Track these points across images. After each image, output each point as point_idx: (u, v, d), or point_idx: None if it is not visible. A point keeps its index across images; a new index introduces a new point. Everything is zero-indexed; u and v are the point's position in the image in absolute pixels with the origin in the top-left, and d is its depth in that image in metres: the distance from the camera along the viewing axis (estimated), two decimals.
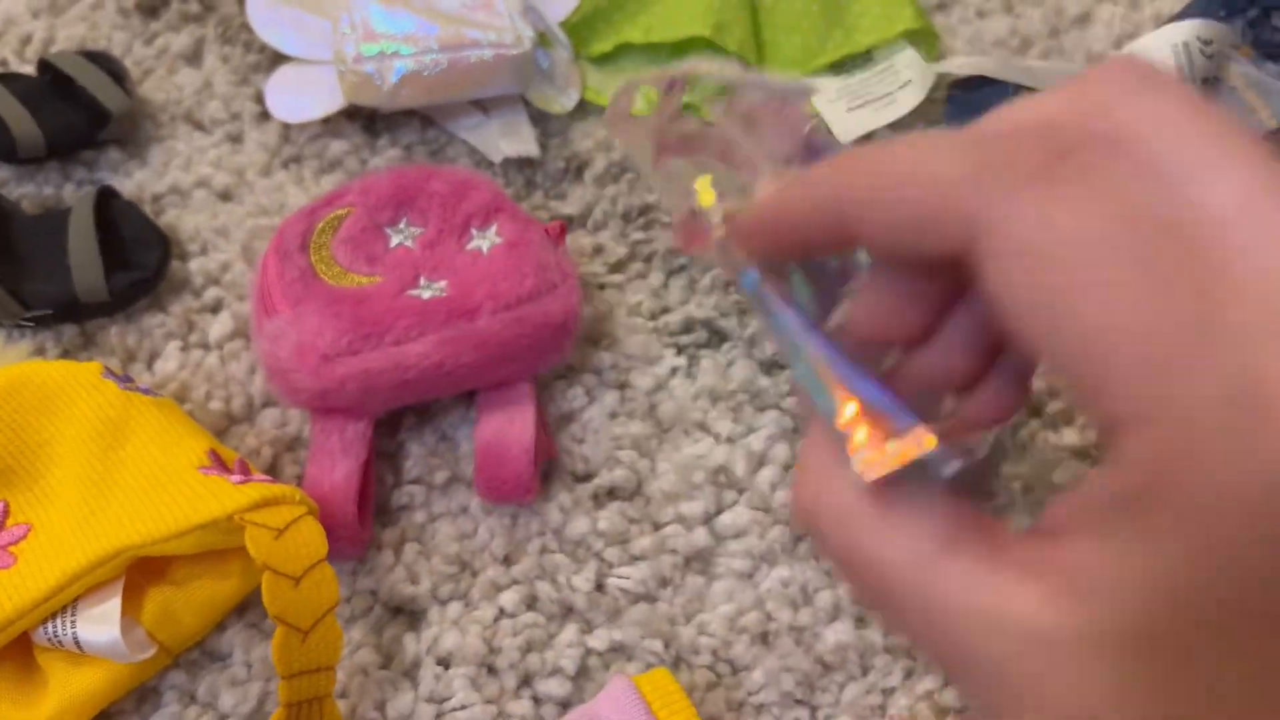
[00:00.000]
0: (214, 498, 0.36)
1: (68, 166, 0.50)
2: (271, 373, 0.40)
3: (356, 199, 0.43)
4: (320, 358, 0.39)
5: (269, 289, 0.41)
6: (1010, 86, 0.52)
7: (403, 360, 0.39)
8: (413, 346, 0.39)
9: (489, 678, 0.38)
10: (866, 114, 0.53)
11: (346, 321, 0.40)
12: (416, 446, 0.43)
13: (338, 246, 0.42)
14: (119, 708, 0.38)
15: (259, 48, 0.54)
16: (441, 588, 0.40)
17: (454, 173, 0.45)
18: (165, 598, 0.38)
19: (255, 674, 0.38)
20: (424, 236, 0.43)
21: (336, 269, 0.42)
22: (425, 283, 0.42)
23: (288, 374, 0.40)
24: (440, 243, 0.43)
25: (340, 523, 0.39)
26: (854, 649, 0.39)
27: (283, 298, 0.41)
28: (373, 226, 0.43)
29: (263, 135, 0.52)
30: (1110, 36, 0.58)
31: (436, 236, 0.43)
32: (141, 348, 0.45)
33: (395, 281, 0.41)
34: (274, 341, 0.40)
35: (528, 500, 0.41)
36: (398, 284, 0.41)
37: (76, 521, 0.37)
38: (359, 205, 0.43)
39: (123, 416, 0.39)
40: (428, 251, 0.43)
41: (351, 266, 0.42)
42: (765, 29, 0.55)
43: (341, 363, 0.39)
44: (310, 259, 0.42)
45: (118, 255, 0.45)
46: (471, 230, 0.43)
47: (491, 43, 0.50)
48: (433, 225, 0.43)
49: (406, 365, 0.39)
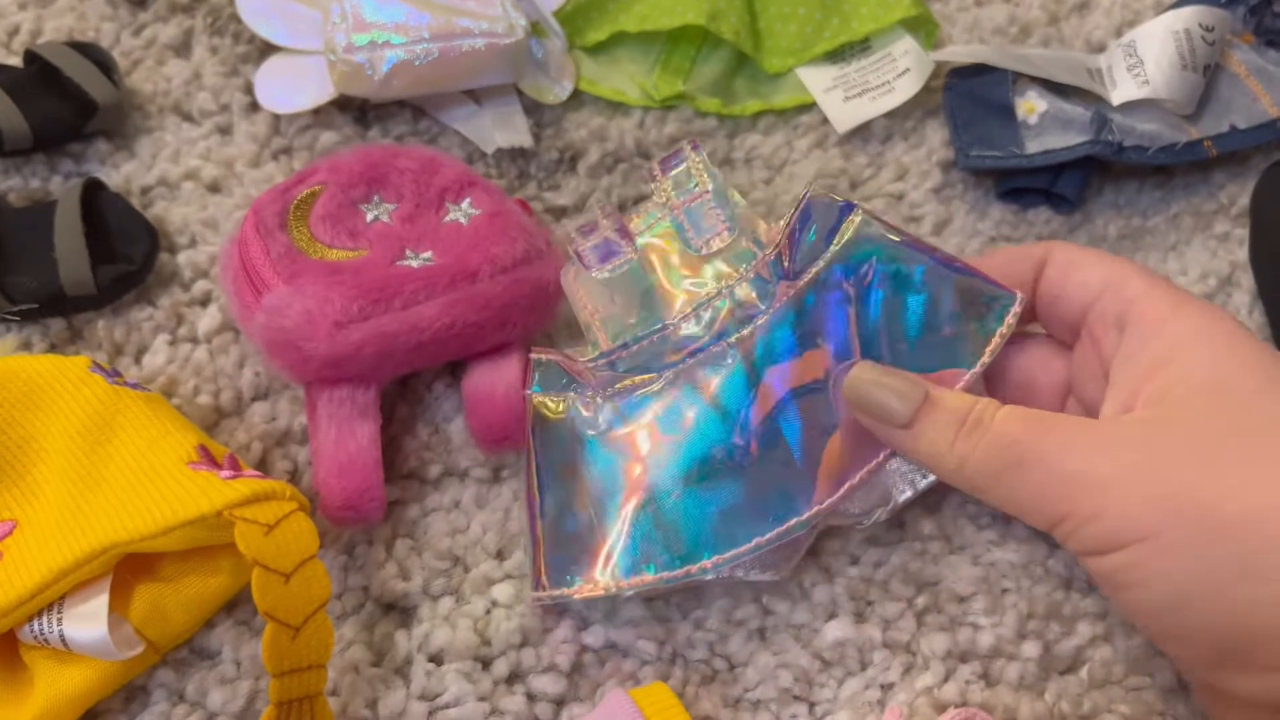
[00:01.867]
0: (203, 493, 0.35)
1: (54, 159, 0.50)
2: (274, 347, 0.40)
3: (327, 176, 0.43)
4: (333, 324, 0.39)
5: (255, 267, 0.41)
6: (1009, 74, 0.51)
7: (417, 322, 0.40)
8: (423, 309, 0.40)
9: (482, 674, 0.38)
10: (864, 102, 0.53)
11: (352, 288, 0.40)
12: (409, 440, 0.43)
13: (316, 223, 0.42)
14: (107, 706, 0.37)
15: (248, 38, 0.54)
16: (433, 583, 0.40)
17: (420, 151, 0.46)
18: (154, 595, 0.37)
19: (245, 672, 0.38)
20: (399, 211, 0.43)
21: (319, 245, 0.42)
22: (411, 254, 0.42)
23: (298, 344, 0.39)
24: (418, 216, 0.43)
25: (369, 484, 0.39)
26: (853, 644, 0.38)
27: (274, 273, 0.40)
28: (347, 203, 0.43)
29: (252, 126, 0.51)
30: (1110, 24, 0.57)
31: (414, 210, 0.43)
32: (129, 341, 0.45)
33: (383, 253, 0.42)
34: (277, 314, 0.39)
35: (522, 443, 0.41)
36: (386, 255, 0.42)
37: (63, 518, 0.36)
38: (330, 183, 0.43)
39: (110, 411, 0.38)
40: (407, 225, 0.43)
41: (334, 242, 0.42)
42: (761, 17, 0.54)
43: (356, 328, 0.39)
44: (291, 235, 0.42)
45: (105, 248, 0.45)
46: (447, 204, 0.44)
47: (484, 32, 0.50)
48: (408, 200, 0.44)
49: (421, 327, 0.40)
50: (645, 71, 0.55)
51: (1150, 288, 0.36)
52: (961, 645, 0.39)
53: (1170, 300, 0.35)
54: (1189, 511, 0.31)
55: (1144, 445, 0.32)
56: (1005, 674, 0.38)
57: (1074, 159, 0.49)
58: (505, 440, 0.41)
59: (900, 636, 0.39)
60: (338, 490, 0.39)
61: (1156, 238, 0.50)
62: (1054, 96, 0.51)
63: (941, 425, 0.35)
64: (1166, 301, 0.35)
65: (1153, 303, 0.35)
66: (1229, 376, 0.33)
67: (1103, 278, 0.37)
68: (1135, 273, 0.36)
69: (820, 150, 0.52)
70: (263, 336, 0.40)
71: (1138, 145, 0.49)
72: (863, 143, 0.53)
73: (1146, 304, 0.35)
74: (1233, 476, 0.31)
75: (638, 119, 0.53)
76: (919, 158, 0.52)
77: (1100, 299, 0.37)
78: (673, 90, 0.53)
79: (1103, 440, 0.33)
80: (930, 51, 0.54)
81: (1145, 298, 0.35)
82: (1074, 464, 0.33)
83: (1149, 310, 0.35)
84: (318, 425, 0.40)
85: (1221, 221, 0.51)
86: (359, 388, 0.40)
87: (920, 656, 0.39)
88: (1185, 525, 0.31)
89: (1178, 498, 0.31)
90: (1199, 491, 0.31)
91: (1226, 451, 0.31)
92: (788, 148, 0.53)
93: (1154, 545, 0.31)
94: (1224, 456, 0.31)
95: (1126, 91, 0.50)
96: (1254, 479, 0.30)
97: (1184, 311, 0.35)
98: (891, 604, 0.39)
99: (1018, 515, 0.35)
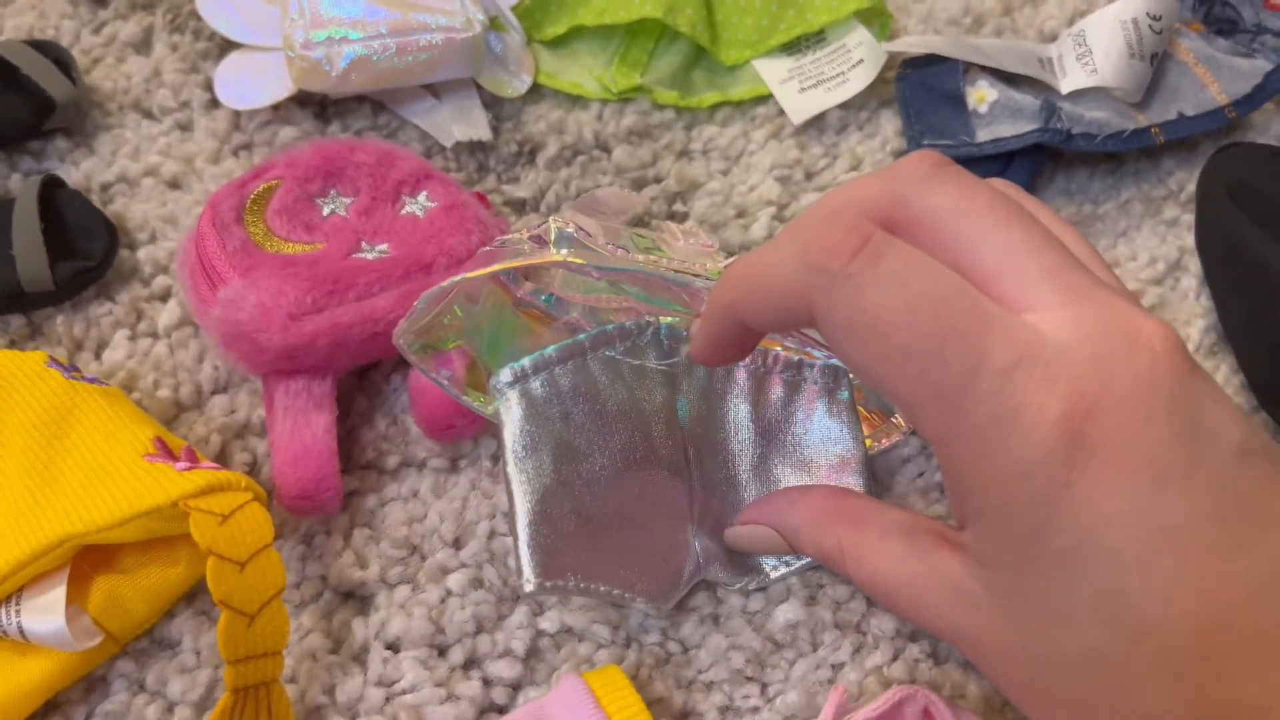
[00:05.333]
0: (158, 485, 0.36)
1: (14, 156, 0.50)
2: (230, 340, 0.40)
3: (284, 171, 0.44)
4: (286, 316, 0.39)
5: (211, 262, 0.41)
6: (960, 64, 0.52)
7: (371, 313, 0.40)
8: (377, 301, 0.40)
9: (438, 660, 0.38)
10: (819, 94, 0.53)
11: (306, 281, 0.40)
12: (367, 431, 0.43)
13: (272, 217, 0.43)
14: (67, 696, 0.38)
15: (208, 35, 0.54)
16: (390, 571, 0.40)
17: (376, 144, 0.46)
18: (112, 586, 0.38)
19: (204, 661, 0.38)
20: (356, 205, 0.44)
21: (275, 239, 0.42)
22: (367, 246, 0.43)
23: (252, 336, 0.40)
24: (374, 209, 0.44)
25: (324, 474, 0.40)
26: (804, 626, 0.39)
27: (230, 267, 0.41)
28: (304, 197, 0.44)
29: (212, 123, 0.52)
30: (1064, 14, 0.58)
31: (370, 204, 0.44)
32: (89, 337, 0.45)
33: (338, 246, 0.42)
34: (232, 307, 0.40)
35: (469, 433, 0.42)
36: (341, 248, 0.42)
37: (19, 511, 0.36)
38: (287, 177, 0.44)
39: (67, 406, 0.38)
40: (363, 218, 0.44)
41: (290, 235, 0.43)
42: (718, 10, 0.55)
43: (309, 320, 0.40)
44: (248, 230, 0.42)
45: (64, 244, 0.45)
46: (403, 197, 0.45)
47: (441, 26, 0.50)
48: (364, 194, 0.44)
49: (375, 318, 0.40)
50: (603, 65, 0.55)
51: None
52: (910, 625, 0.39)
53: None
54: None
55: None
56: (953, 652, 0.39)
57: (1024, 147, 0.50)
58: (450, 429, 0.41)
59: (850, 617, 0.39)
60: (293, 480, 0.39)
61: (1107, 224, 0.51)
62: (1004, 85, 0.51)
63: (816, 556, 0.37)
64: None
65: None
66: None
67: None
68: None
69: (776, 141, 0.53)
70: (219, 329, 0.40)
71: (1086, 133, 0.50)
72: (818, 133, 0.53)
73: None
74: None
75: (596, 112, 0.54)
76: (873, 148, 0.53)
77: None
78: (630, 83, 0.54)
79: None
80: (884, 42, 0.54)
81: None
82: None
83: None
84: (274, 417, 0.40)
85: (1170, 207, 0.52)
86: (315, 379, 0.41)
87: (870, 636, 0.39)
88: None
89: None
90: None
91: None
92: (744, 139, 0.53)
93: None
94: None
95: (1075, 80, 0.51)
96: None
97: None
98: (842, 586, 0.40)
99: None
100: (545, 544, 0.36)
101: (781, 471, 0.41)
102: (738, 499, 0.40)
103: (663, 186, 0.51)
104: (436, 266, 0.42)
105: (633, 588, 0.38)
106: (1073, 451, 0.26)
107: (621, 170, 0.51)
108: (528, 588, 0.36)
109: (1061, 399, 0.26)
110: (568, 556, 0.37)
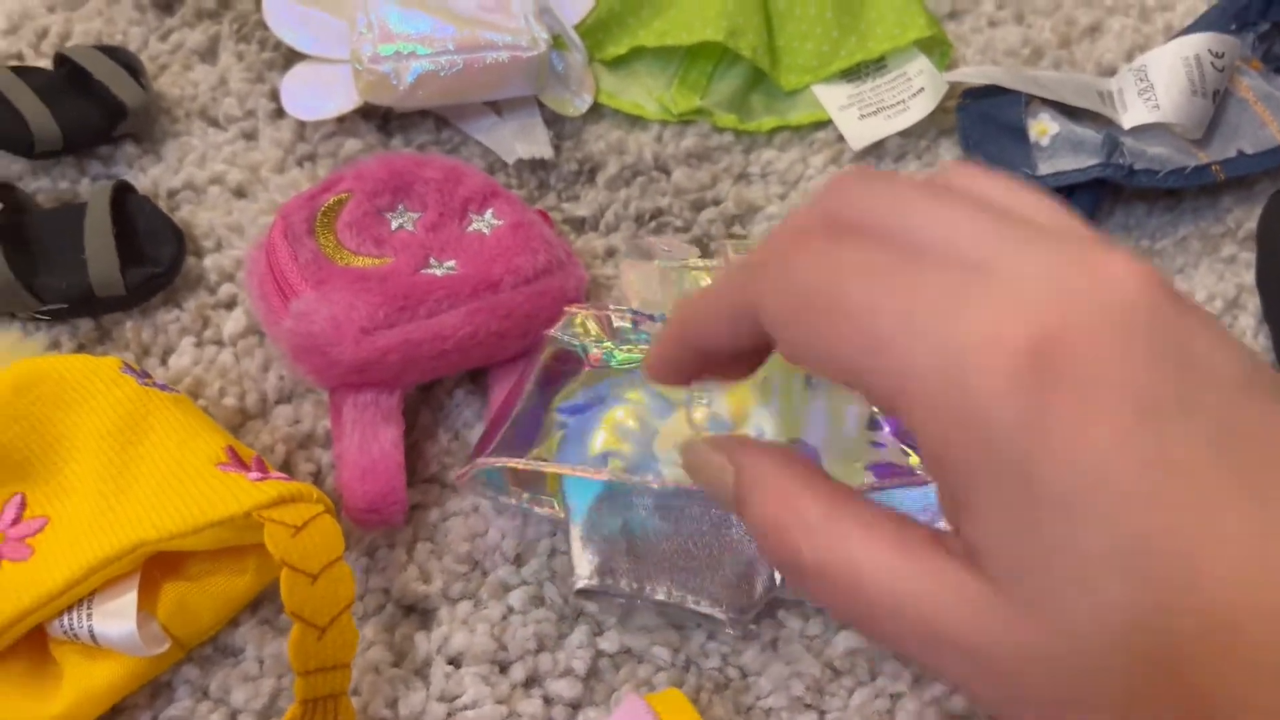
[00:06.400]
0: (232, 494, 0.36)
1: (83, 161, 0.50)
2: (301, 352, 0.41)
3: (353, 184, 0.44)
4: (359, 330, 0.40)
5: (283, 273, 0.42)
6: (1023, 96, 0.52)
7: (440, 330, 0.41)
8: (447, 318, 0.41)
9: (499, 677, 0.39)
10: (879, 121, 0.54)
11: (378, 296, 0.41)
12: (430, 445, 0.44)
13: (343, 230, 0.43)
14: (132, 701, 0.38)
15: (274, 45, 0.55)
16: (452, 587, 0.40)
17: (443, 160, 0.46)
18: (180, 593, 0.38)
19: (268, 670, 0.39)
20: (424, 220, 0.44)
21: (346, 252, 0.43)
22: (435, 262, 0.43)
23: (324, 349, 0.40)
24: (442, 226, 0.44)
25: (392, 487, 0.40)
26: (863, 654, 0.39)
27: (302, 280, 0.41)
28: (373, 211, 0.44)
29: (277, 132, 0.52)
30: (1121, 48, 0.58)
31: (437, 220, 0.44)
32: (156, 343, 0.46)
33: (407, 261, 0.43)
34: (304, 319, 0.40)
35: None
36: (410, 263, 0.43)
37: (94, 515, 0.37)
38: (356, 191, 0.44)
39: (141, 412, 0.39)
40: (431, 234, 0.44)
41: (360, 249, 0.43)
42: (779, 34, 0.55)
43: (381, 335, 0.40)
44: (319, 242, 0.42)
45: (133, 250, 0.46)
46: (469, 214, 0.45)
47: (507, 45, 0.51)
48: (431, 209, 0.44)
49: (445, 335, 0.41)
50: (663, 86, 0.55)
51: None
52: None
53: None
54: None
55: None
56: None
57: (1085, 180, 0.50)
58: None
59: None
60: (361, 493, 0.40)
61: (1165, 260, 0.51)
62: (1066, 119, 0.51)
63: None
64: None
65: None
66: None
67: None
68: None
69: (835, 166, 0.53)
70: (289, 341, 0.41)
71: (1148, 169, 0.50)
72: (877, 160, 0.54)
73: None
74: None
75: (656, 132, 0.54)
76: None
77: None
78: (690, 105, 0.54)
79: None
80: (944, 72, 0.55)
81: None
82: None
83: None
84: (342, 429, 0.41)
85: (1228, 245, 0.52)
86: (383, 393, 0.41)
87: None
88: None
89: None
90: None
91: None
92: (803, 163, 0.53)
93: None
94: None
95: (1137, 115, 0.51)
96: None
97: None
98: None
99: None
100: (599, 546, 0.37)
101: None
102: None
103: (721, 209, 0.51)
104: (504, 285, 0.42)
105: (699, 593, 0.38)
106: (1041, 375, 0.22)
107: (680, 192, 0.52)
108: (579, 584, 0.37)
109: (1018, 326, 0.22)
110: (621, 560, 0.38)
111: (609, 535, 0.38)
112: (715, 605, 0.38)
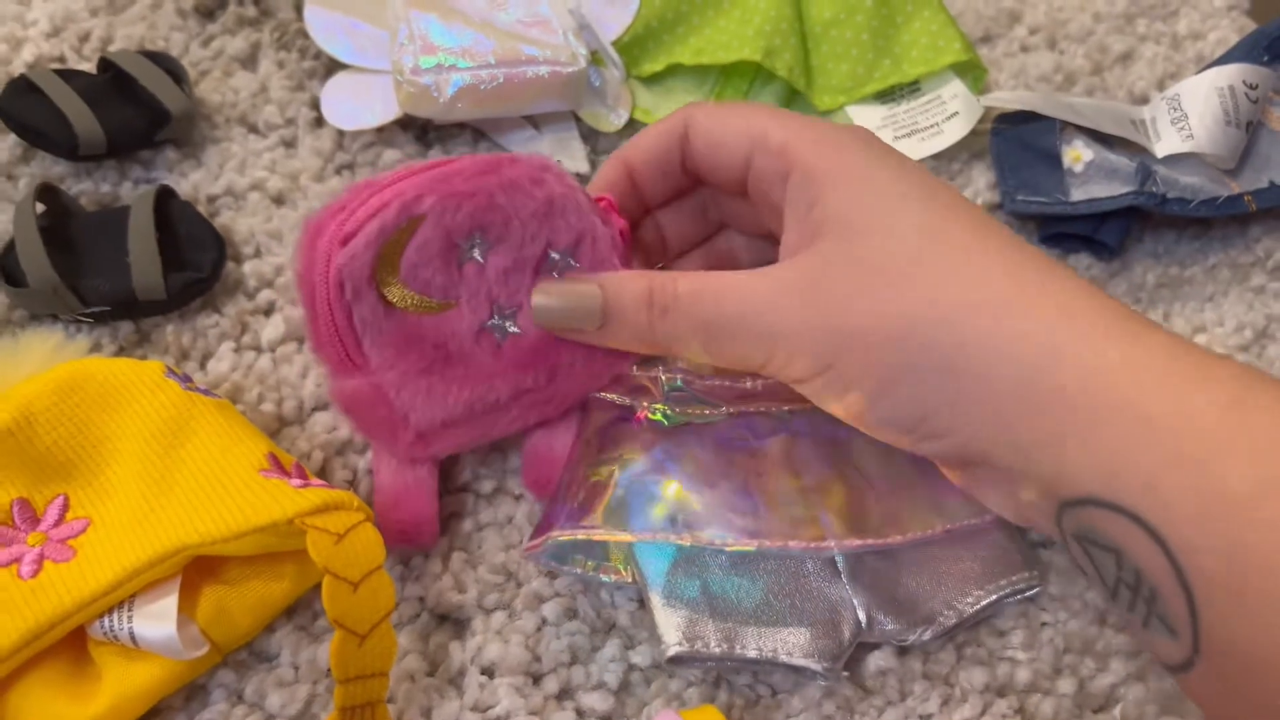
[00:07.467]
0: (275, 501, 0.36)
1: (125, 165, 0.51)
2: (351, 421, 0.40)
3: (435, 204, 0.37)
4: (415, 435, 0.40)
5: (339, 325, 0.38)
6: (1057, 122, 0.52)
7: (491, 430, 0.41)
8: (501, 415, 0.41)
9: (533, 689, 0.39)
10: (912, 143, 0.54)
11: (439, 389, 0.39)
12: (468, 456, 0.44)
13: (407, 272, 0.38)
14: (168, 704, 0.38)
15: (314, 54, 0.55)
16: (487, 597, 0.41)
17: (544, 180, 0.39)
18: (219, 597, 0.38)
19: (303, 676, 0.39)
20: (497, 258, 0.39)
21: (405, 292, 0.38)
22: (498, 318, 0.39)
23: (377, 439, 0.41)
24: (514, 272, 0.39)
25: (424, 517, 0.40)
26: (894, 675, 0.39)
27: (356, 344, 0.38)
28: (446, 241, 0.38)
29: (317, 141, 0.53)
30: (1153, 76, 0.58)
31: (512, 264, 0.39)
32: (195, 347, 0.46)
33: (471, 311, 0.39)
34: (356, 414, 0.40)
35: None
36: (473, 315, 0.39)
37: (136, 518, 0.37)
38: (431, 214, 0.37)
39: (184, 416, 0.39)
40: (500, 278, 0.39)
41: (425, 290, 0.38)
42: (814, 55, 0.56)
43: (435, 436, 0.40)
44: (379, 291, 0.38)
45: (174, 255, 0.46)
46: (551, 254, 0.39)
47: (547, 60, 0.51)
48: (509, 246, 0.39)
49: (494, 433, 0.41)
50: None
51: (793, 134, 0.37)
52: (999, 679, 0.40)
53: (811, 140, 0.37)
54: (859, 333, 0.34)
55: (805, 286, 0.35)
56: (1040, 709, 0.39)
57: (1117, 208, 0.50)
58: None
59: (940, 669, 0.40)
60: (394, 521, 0.40)
61: (1194, 288, 0.52)
62: (1100, 146, 0.52)
63: (631, 316, 0.38)
64: (809, 143, 0.37)
65: (799, 148, 0.37)
66: (872, 203, 0.35)
67: (745, 142, 0.39)
68: (773, 125, 0.38)
69: None
70: (343, 407, 0.40)
71: (1180, 197, 0.50)
72: None
73: (794, 152, 0.37)
74: (889, 291, 0.34)
75: None
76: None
77: (752, 162, 0.39)
78: None
79: (772, 291, 0.35)
80: (978, 96, 0.55)
81: (792, 146, 0.37)
82: (757, 323, 0.35)
83: (796, 157, 0.37)
84: (379, 454, 0.41)
85: (1258, 274, 0.52)
86: None
87: (959, 689, 0.40)
88: (857, 347, 0.34)
89: (846, 324, 0.34)
90: (858, 316, 0.34)
91: (885, 271, 0.34)
92: None
93: (838, 371, 0.34)
94: (882, 276, 0.34)
95: (1171, 144, 0.51)
96: (904, 296, 0.34)
97: (824, 150, 0.36)
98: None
99: (733, 368, 0.40)
100: (682, 610, 0.38)
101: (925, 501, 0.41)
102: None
103: None
104: (561, 370, 0.41)
105: (788, 644, 0.38)
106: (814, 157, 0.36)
107: None
108: (670, 651, 0.37)
109: (779, 131, 0.37)
110: (706, 622, 0.38)
111: (690, 599, 0.38)
112: (807, 656, 0.38)
